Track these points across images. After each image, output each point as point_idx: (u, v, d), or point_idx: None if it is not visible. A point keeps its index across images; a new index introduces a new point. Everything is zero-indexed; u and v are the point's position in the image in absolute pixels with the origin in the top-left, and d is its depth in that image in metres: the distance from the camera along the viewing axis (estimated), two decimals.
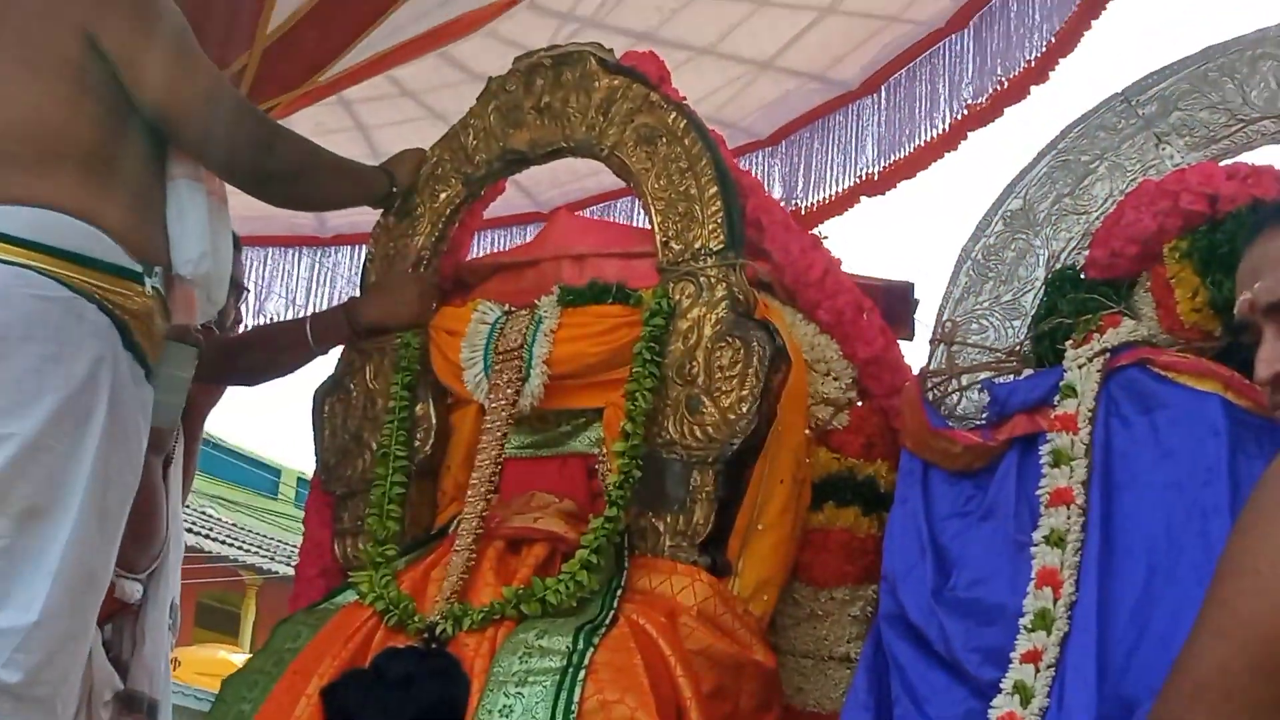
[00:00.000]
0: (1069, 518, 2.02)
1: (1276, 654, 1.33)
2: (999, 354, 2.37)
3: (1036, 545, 2.02)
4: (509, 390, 2.57)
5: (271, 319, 5.09)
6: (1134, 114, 2.43)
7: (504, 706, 2.08)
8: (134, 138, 2.39)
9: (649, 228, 2.64)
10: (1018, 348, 2.35)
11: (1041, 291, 2.37)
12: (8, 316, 2.16)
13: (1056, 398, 2.14)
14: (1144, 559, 1.94)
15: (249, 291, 4.34)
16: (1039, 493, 2.07)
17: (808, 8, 4.25)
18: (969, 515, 2.20)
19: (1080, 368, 2.14)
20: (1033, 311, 2.37)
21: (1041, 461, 2.10)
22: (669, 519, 2.39)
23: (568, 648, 2.14)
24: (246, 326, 4.79)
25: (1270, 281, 1.61)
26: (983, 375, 2.34)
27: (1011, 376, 2.29)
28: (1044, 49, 4.03)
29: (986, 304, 2.44)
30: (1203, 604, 1.40)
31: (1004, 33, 4.11)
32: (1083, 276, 2.32)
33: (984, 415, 2.28)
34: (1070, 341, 2.20)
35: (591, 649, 2.13)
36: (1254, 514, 1.39)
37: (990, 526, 2.15)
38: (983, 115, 4.21)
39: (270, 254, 5.20)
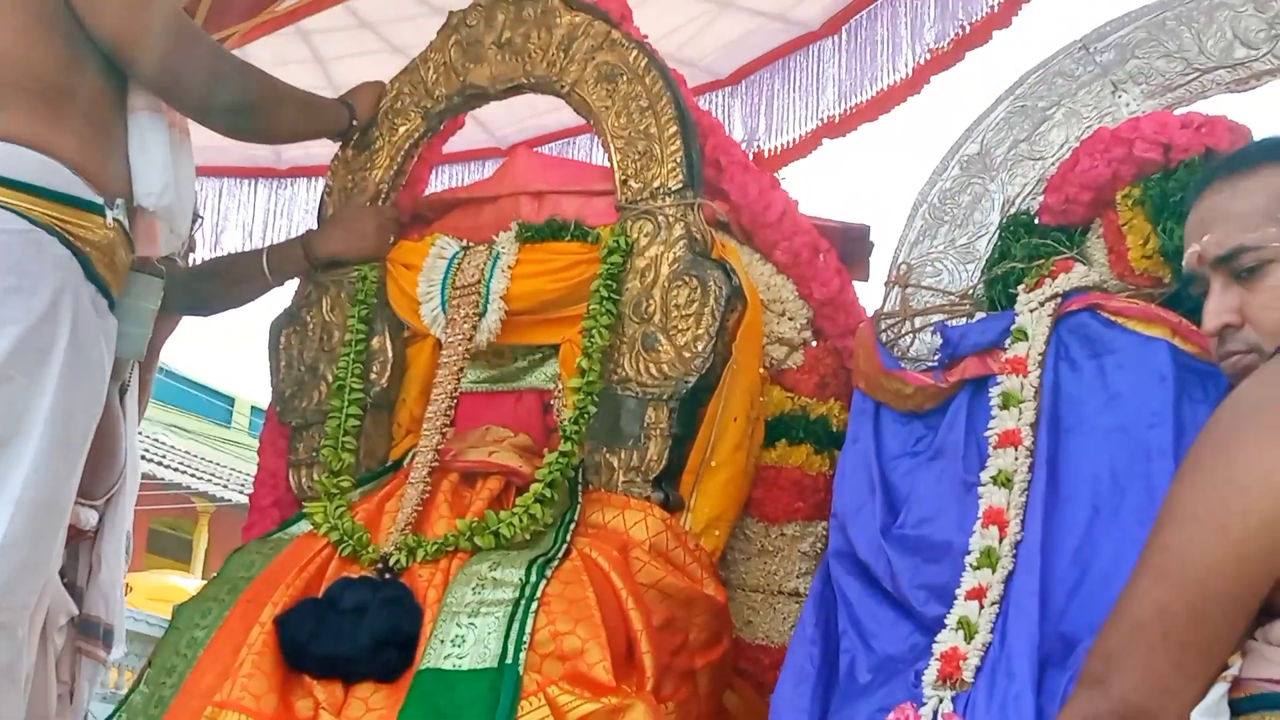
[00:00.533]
0: (1016, 459, 2.03)
1: (1213, 597, 1.35)
2: (952, 297, 2.38)
3: (984, 485, 2.03)
4: (466, 325, 2.57)
5: (228, 251, 5.04)
6: (1091, 61, 2.43)
7: (456, 636, 2.10)
8: (93, 69, 2.36)
9: (608, 166, 2.64)
10: (971, 291, 2.36)
11: (996, 236, 2.38)
12: None
13: (1007, 341, 2.14)
14: (1088, 500, 1.95)
15: (202, 219, 4.29)
16: (988, 434, 2.08)
17: None
18: (919, 455, 2.21)
19: (1031, 312, 2.15)
20: (987, 256, 2.38)
21: (991, 403, 2.11)
22: (623, 455, 2.41)
23: (520, 580, 2.15)
24: (202, 258, 4.76)
25: (1218, 235, 1.63)
26: (936, 318, 2.35)
27: (964, 319, 2.31)
28: None
29: (941, 247, 2.45)
30: (1144, 547, 1.43)
31: None
32: (1037, 222, 2.33)
33: (936, 357, 2.28)
34: (1022, 286, 2.21)
35: (544, 581, 2.15)
36: (1195, 461, 1.42)
37: (939, 466, 2.16)
38: (945, 59, 4.16)
39: (226, 185, 5.13)
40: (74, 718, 3.05)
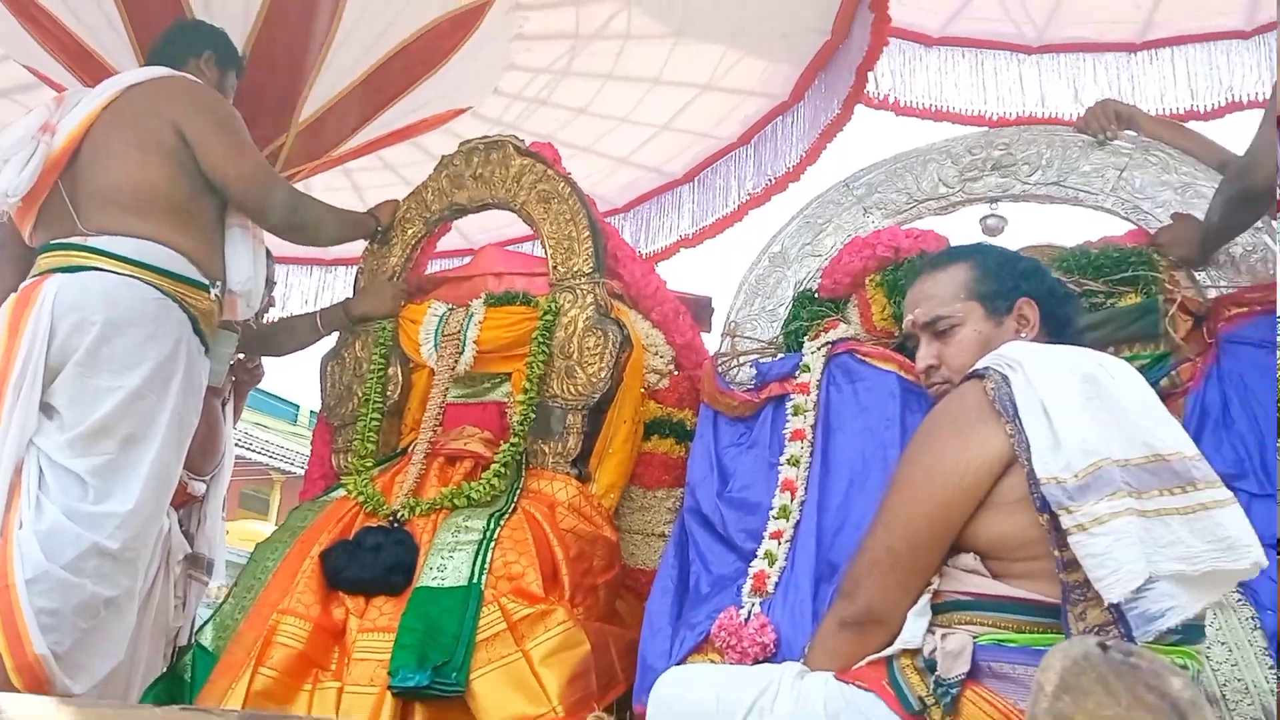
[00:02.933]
0: (802, 448, 2.03)
1: (922, 536, 1.36)
2: (763, 344, 2.38)
3: (782, 465, 2.03)
4: (450, 359, 2.52)
5: (292, 311, 4.94)
6: (850, 195, 2.46)
7: (440, 565, 2.06)
8: (207, 197, 2.35)
9: (544, 256, 2.61)
10: (775, 340, 2.37)
11: (790, 305, 2.40)
12: (122, 309, 2.15)
13: (798, 372, 2.15)
14: (846, 475, 1.96)
15: (276, 284, 4.22)
16: (784, 432, 2.08)
17: (649, 125, 4.22)
18: (741, 445, 2.20)
19: (813, 354, 2.16)
20: (785, 318, 2.39)
21: (787, 412, 2.11)
22: (552, 444, 2.38)
23: (484, 527, 2.12)
24: (278, 314, 4.65)
25: (925, 309, 1.65)
26: (752, 357, 2.36)
27: (770, 358, 2.31)
28: (798, 160, 4.06)
29: (756, 312, 2.45)
30: (879, 506, 1.43)
31: (772, 148, 4.13)
32: (816, 296, 2.34)
33: (753, 381, 2.29)
34: (807, 337, 2.22)
35: (499, 528, 2.12)
36: (910, 451, 1.43)
37: (754, 453, 2.15)
38: (758, 200, 4.24)
39: (291, 269, 5.07)
40: (185, 620, 2.99)
